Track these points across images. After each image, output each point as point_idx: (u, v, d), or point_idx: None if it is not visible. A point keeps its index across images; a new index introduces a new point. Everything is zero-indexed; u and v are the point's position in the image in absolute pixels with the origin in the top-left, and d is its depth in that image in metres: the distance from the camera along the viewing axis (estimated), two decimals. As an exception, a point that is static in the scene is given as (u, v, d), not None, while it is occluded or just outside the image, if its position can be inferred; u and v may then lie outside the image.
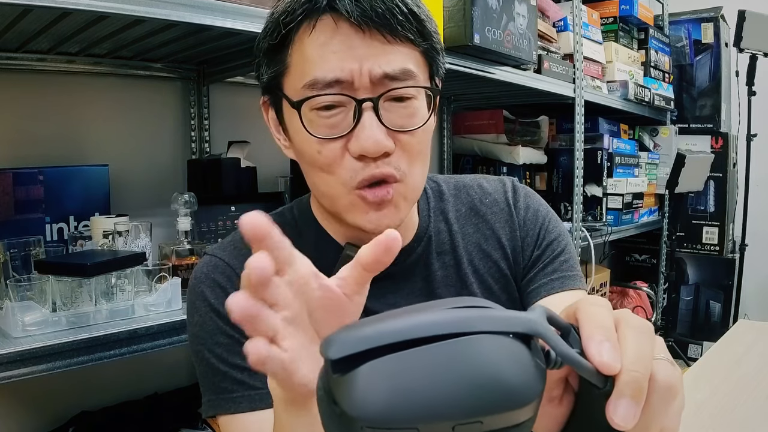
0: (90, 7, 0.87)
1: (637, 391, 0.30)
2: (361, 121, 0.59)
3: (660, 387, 0.31)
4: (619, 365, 0.30)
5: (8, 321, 0.89)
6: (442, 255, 0.74)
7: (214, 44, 1.29)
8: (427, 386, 0.26)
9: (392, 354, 0.26)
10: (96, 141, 1.40)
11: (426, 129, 0.64)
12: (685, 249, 2.91)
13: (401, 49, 0.60)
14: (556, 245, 0.74)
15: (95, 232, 1.15)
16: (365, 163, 0.60)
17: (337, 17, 0.58)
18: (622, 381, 0.30)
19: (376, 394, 0.25)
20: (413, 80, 0.61)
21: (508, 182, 0.79)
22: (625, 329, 0.32)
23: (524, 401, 0.27)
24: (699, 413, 0.93)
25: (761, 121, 2.57)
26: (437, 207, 0.77)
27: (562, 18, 2.09)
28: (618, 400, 0.30)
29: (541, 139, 2.32)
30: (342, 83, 0.59)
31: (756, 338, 1.27)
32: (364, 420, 0.25)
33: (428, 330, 0.27)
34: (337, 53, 0.58)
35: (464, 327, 0.27)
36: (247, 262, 0.35)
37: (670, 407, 0.32)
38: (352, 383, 0.26)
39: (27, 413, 1.29)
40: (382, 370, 0.26)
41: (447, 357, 0.26)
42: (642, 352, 0.31)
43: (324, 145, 0.61)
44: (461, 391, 0.26)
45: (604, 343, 0.31)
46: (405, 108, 0.62)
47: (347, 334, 0.28)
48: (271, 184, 1.66)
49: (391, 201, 0.62)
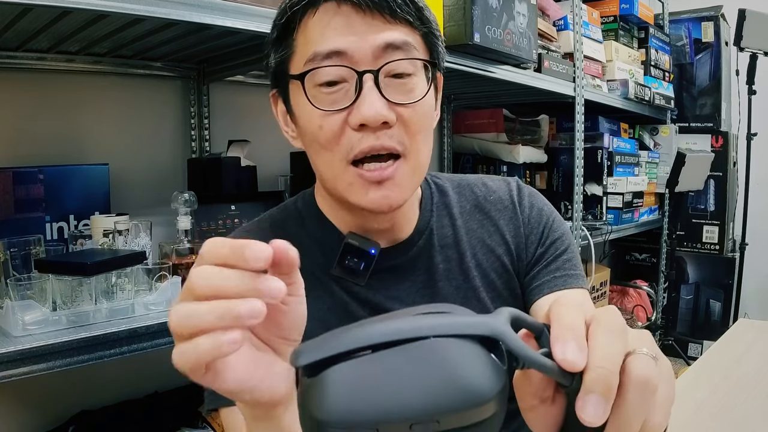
0: (90, 6, 0.86)
1: (604, 387, 0.30)
2: (362, 93, 0.60)
3: (634, 381, 0.31)
4: (582, 363, 0.30)
5: (8, 320, 0.89)
6: (445, 249, 0.74)
7: (214, 43, 1.29)
8: (385, 388, 0.27)
9: (352, 359, 0.28)
10: (96, 140, 1.40)
11: (426, 105, 0.65)
12: (685, 248, 2.91)
13: (401, 28, 0.62)
14: (559, 244, 0.75)
15: (95, 231, 1.15)
16: (364, 134, 0.61)
17: (339, 1, 0.60)
18: (588, 378, 0.30)
19: (337, 397, 0.27)
20: (413, 53, 0.63)
21: (513, 182, 0.80)
22: (595, 328, 0.33)
23: (478, 400, 0.27)
24: (699, 412, 0.93)
25: (761, 120, 2.57)
26: (440, 202, 0.77)
27: (562, 17, 2.09)
28: (585, 396, 0.30)
29: (541, 138, 2.32)
30: (341, 54, 0.60)
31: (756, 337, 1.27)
32: (328, 421, 0.27)
33: (388, 336, 0.28)
34: (337, 29, 0.60)
35: (422, 332, 0.28)
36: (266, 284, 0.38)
37: (649, 401, 0.32)
38: (317, 388, 0.28)
39: (27, 412, 1.29)
40: (344, 374, 0.27)
41: (403, 360, 0.27)
42: (610, 349, 0.31)
43: (325, 119, 0.62)
44: (416, 391, 0.27)
45: (568, 342, 0.31)
46: (404, 84, 0.63)
47: (314, 343, 0.29)
48: (271, 183, 1.66)
49: (392, 178, 0.63)
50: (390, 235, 0.72)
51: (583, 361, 0.31)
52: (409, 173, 0.64)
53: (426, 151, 0.67)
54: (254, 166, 1.53)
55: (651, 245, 2.96)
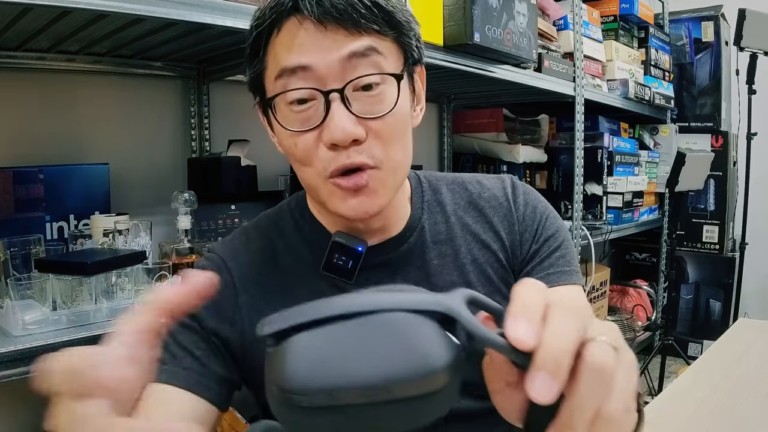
0: (90, 6, 0.87)
1: (553, 365, 0.30)
2: (330, 112, 0.61)
3: (589, 366, 0.31)
4: (531, 341, 0.31)
5: (8, 320, 0.89)
6: (439, 244, 0.74)
7: (214, 43, 1.29)
8: (342, 356, 0.28)
9: (311, 330, 0.29)
10: (96, 139, 1.40)
11: (398, 114, 0.64)
12: (685, 247, 2.91)
13: (366, 38, 0.62)
14: (553, 241, 0.75)
15: (95, 230, 1.15)
16: (337, 152, 0.62)
17: (301, 18, 0.61)
18: (538, 355, 0.30)
19: (298, 364, 0.28)
20: (378, 64, 0.62)
21: (507, 179, 0.80)
22: (554, 309, 0.33)
23: (427, 371, 0.28)
24: (699, 411, 0.93)
25: (761, 119, 2.57)
26: (433, 199, 0.77)
27: (562, 16, 2.09)
28: (533, 373, 0.30)
29: (541, 137, 2.32)
30: (307, 69, 0.61)
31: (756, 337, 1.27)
32: (290, 388, 0.28)
33: (346, 309, 0.30)
34: (302, 45, 0.61)
35: (378, 306, 0.30)
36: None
37: (603, 388, 0.32)
38: (279, 356, 0.29)
39: (27, 412, 1.29)
40: (304, 343, 0.29)
41: (359, 331, 0.29)
42: (563, 329, 0.31)
43: (298, 137, 0.63)
44: (369, 360, 0.28)
45: (519, 320, 0.31)
46: (373, 95, 0.63)
47: (280, 315, 0.31)
48: (271, 183, 1.66)
49: (366, 186, 0.63)
50: (380, 233, 0.73)
51: (533, 339, 0.31)
52: (383, 180, 0.65)
53: (403, 155, 0.67)
54: (254, 165, 1.53)
55: (651, 245, 2.96)
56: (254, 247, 0.74)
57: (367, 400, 0.28)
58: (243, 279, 0.72)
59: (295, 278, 0.72)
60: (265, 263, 0.73)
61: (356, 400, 0.28)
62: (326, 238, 0.72)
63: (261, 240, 0.75)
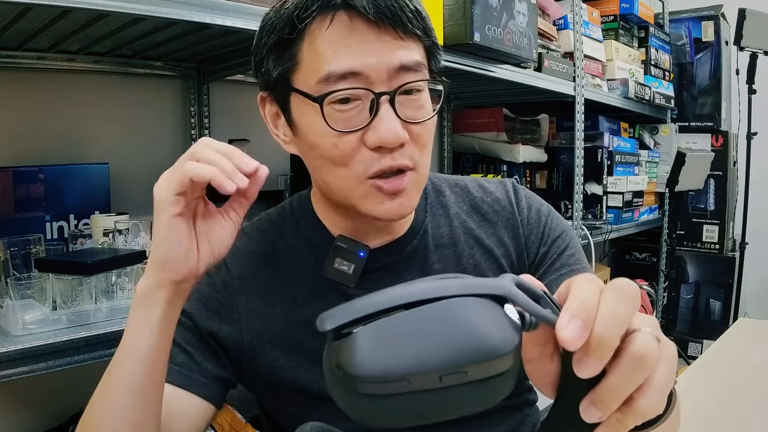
0: (90, 6, 0.86)
1: (599, 350, 0.32)
2: (379, 114, 0.61)
3: (631, 354, 0.33)
4: (580, 342, 0.32)
5: (8, 319, 0.89)
6: (441, 248, 0.74)
7: (215, 42, 1.29)
8: (415, 343, 0.29)
9: (379, 319, 0.30)
10: (96, 139, 1.40)
11: (433, 120, 0.66)
12: (685, 247, 2.91)
13: (410, 44, 0.62)
14: (561, 241, 0.75)
15: (95, 230, 1.15)
16: (381, 154, 0.62)
17: (353, 14, 0.59)
18: (588, 339, 0.32)
19: (370, 353, 0.29)
20: (423, 73, 0.64)
21: (509, 183, 0.80)
22: (609, 291, 0.34)
23: (499, 352, 0.29)
24: (699, 411, 0.93)
25: (761, 119, 2.57)
26: (436, 202, 0.77)
27: (562, 16, 2.09)
28: (581, 354, 0.32)
29: (541, 137, 2.32)
30: (357, 75, 0.60)
31: (756, 336, 1.27)
32: (363, 376, 0.29)
33: (411, 297, 0.31)
34: (352, 47, 0.60)
35: (442, 292, 0.31)
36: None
37: (639, 377, 0.33)
38: (349, 347, 0.30)
39: (27, 412, 1.29)
40: (374, 333, 0.30)
41: (430, 317, 0.30)
42: (615, 313, 0.33)
43: (341, 138, 0.62)
44: (444, 345, 0.29)
45: (574, 320, 0.32)
46: (415, 100, 0.64)
47: (340, 308, 0.32)
48: (271, 183, 1.65)
49: (404, 190, 0.64)
50: (384, 235, 0.73)
51: (581, 341, 0.32)
52: (417, 183, 0.66)
53: (429, 160, 0.69)
54: (254, 165, 1.53)
55: (651, 244, 2.96)
56: (254, 248, 0.74)
57: (441, 384, 0.29)
58: (242, 279, 0.71)
59: (296, 280, 0.72)
60: (265, 264, 0.72)
61: (431, 385, 0.29)
62: (328, 240, 0.72)
63: (261, 240, 0.74)
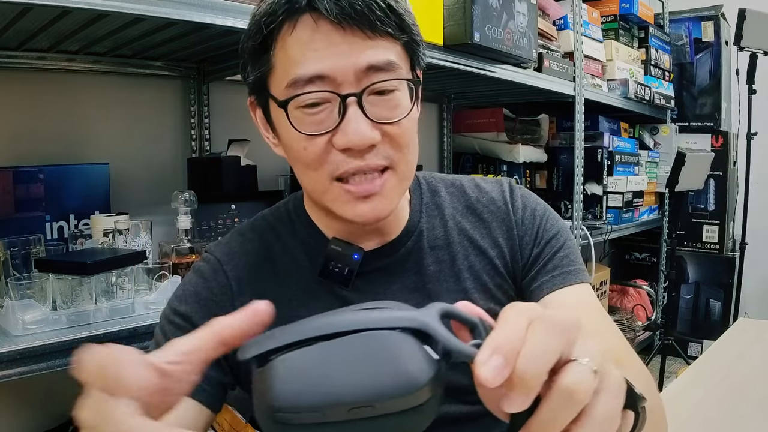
0: (90, 6, 0.87)
1: (523, 387, 0.30)
2: (346, 116, 0.60)
3: (559, 389, 0.31)
4: (497, 381, 0.30)
5: (8, 319, 0.89)
6: (436, 250, 0.73)
7: (214, 42, 1.29)
8: (327, 374, 0.29)
9: (300, 348, 0.30)
10: (96, 139, 1.40)
11: (410, 119, 0.65)
12: (685, 247, 2.91)
13: (382, 43, 0.61)
14: (554, 242, 0.74)
15: (95, 230, 1.15)
16: (350, 156, 0.61)
17: (317, 16, 0.59)
18: (511, 375, 0.31)
19: (284, 383, 0.29)
20: (396, 72, 0.62)
21: (505, 183, 0.79)
22: (538, 323, 0.32)
23: (409, 388, 0.29)
24: (699, 411, 0.93)
25: (761, 119, 2.57)
26: (432, 202, 0.77)
27: (562, 16, 2.09)
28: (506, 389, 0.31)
29: (541, 137, 2.32)
30: (324, 79, 0.59)
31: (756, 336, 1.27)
32: (277, 406, 0.29)
33: (327, 329, 0.31)
34: (318, 51, 0.59)
35: (360, 325, 0.31)
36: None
37: (571, 412, 0.31)
38: (267, 375, 0.30)
39: (27, 412, 1.29)
40: (290, 363, 0.30)
41: (342, 350, 0.30)
42: (539, 351, 0.31)
43: (310, 141, 0.61)
44: (353, 378, 0.29)
45: (494, 356, 0.31)
46: (388, 100, 0.62)
47: (264, 335, 0.32)
48: (271, 183, 1.66)
49: (379, 192, 0.63)
50: (378, 236, 0.72)
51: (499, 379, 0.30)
52: (396, 184, 0.64)
53: (413, 159, 0.67)
54: (254, 165, 1.53)
55: (651, 245, 2.96)
56: (251, 250, 0.73)
57: (353, 416, 0.29)
58: (239, 282, 0.71)
59: (291, 282, 0.71)
60: (262, 266, 0.72)
61: (343, 417, 0.29)
62: (322, 242, 0.71)
63: (257, 242, 0.74)
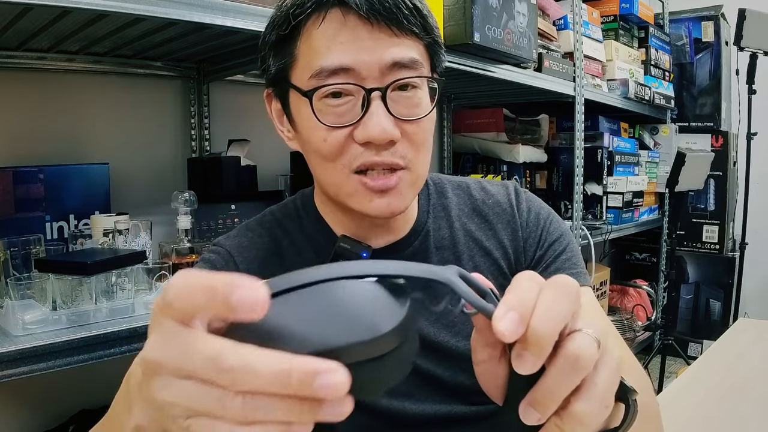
0: (90, 6, 0.87)
1: (536, 347, 0.31)
2: (369, 110, 0.60)
3: (564, 353, 0.32)
4: (514, 336, 0.31)
5: (8, 319, 0.89)
6: (442, 250, 0.74)
7: (214, 42, 1.29)
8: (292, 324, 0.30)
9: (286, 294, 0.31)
10: (96, 139, 1.40)
11: (429, 119, 0.65)
12: (685, 247, 2.91)
13: (407, 41, 0.62)
14: (557, 245, 0.75)
15: (95, 230, 1.15)
16: (369, 149, 0.62)
17: (345, 10, 0.59)
18: (525, 335, 0.31)
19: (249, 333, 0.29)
20: (419, 70, 0.63)
21: (511, 185, 0.80)
22: (548, 288, 0.33)
23: (372, 334, 0.29)
24: (699, 411, 0.93)
25: (761, 119, 2.57)
26: (438, 203, 0.77)
27: (562, 16, 2.09)
28: (518, 349, 0.32)
29: (541, 137, 2.32)
30: (348, 71, 0.60)
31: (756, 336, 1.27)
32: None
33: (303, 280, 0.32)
34: (344, 44, 0.60)
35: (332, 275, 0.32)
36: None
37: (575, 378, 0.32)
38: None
39: (27, 412, 1.29)
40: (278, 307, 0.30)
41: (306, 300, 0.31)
42: (551, 313, 0.32)
43: (330, 132, 0.62)
44: (317, 328, 0.29)
45: (510, 312, 0.32)
46: (410, 98, 0.63)
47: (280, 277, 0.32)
48: (271, 183, 1.66)
49: (396, 188, 0.63)
50: (386, 235, 0.73)
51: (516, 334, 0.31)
52: (411, 183, 0.65)
53: (427, 162, 0.68)
54: (254, 165, 1.53)
55: (651, 245, 2.96)
56: (260, 244, 0.74)
57: None
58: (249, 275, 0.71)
59: None
60: (271, 260, 0.73)
61: None
62: (331, 238, 0.72)
63: (266, 237, 0.75)
